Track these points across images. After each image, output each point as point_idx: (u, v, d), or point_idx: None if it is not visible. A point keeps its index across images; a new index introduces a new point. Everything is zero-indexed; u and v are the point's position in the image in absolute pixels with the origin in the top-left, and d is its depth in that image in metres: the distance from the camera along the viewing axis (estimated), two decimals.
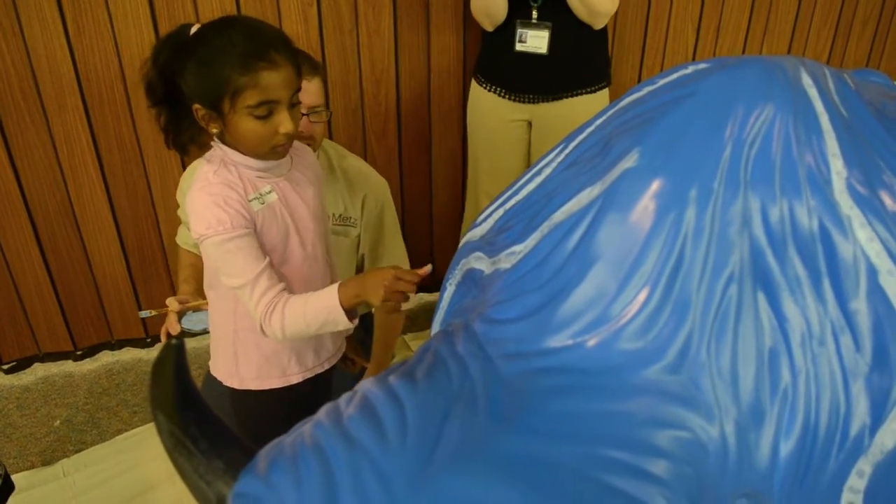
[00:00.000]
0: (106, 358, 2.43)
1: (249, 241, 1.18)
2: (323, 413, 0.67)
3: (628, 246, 0.66)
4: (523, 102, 2.07)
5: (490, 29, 2.03)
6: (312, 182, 1.34)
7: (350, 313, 1.17)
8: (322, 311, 1.16)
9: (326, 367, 1.41)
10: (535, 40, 1.97)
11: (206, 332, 1.47)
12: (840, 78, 0.84)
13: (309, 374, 1.38)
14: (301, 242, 1.29)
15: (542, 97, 2.05)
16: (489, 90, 2.09)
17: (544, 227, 0.74)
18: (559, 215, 0.73)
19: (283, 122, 1.15)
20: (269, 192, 1.23)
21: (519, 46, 1.98)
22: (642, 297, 0.65)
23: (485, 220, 0.96)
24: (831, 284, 0.70)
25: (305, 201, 1.30)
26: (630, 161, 0.68)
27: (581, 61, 2.04)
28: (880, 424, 0.69)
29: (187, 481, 0.72)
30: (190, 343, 2.20)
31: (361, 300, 1.16)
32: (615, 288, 0.66)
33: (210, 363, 1.43)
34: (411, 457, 0.57)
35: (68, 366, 2.39)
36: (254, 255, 1.18)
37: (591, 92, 2.07)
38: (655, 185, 0.67)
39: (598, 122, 0.83)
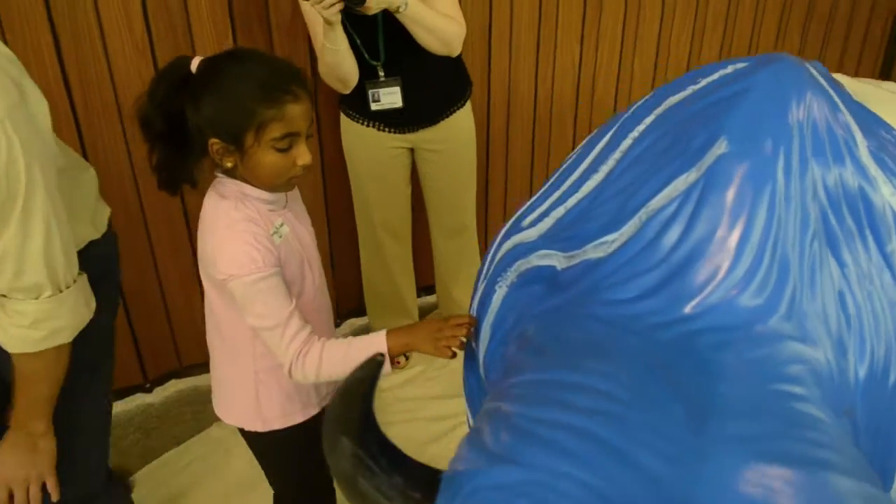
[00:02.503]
0: None
1: (279, 281, 1.17)
2: (515, 403, 0.70)
3: (735, 219, 0.78)
4: (404, 133, 2.14)
5: (346, 91, 2.03)
6: (305, 212, 1.37)
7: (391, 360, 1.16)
8: (366, 356, 1.12)
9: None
10: (388, 97, 2.04)
11: None
12: (819, 68, 1.02)
13: (324, 402, 1.39)
14: (311, 272, 1.30)
15: (422, 125, 2.13)
16: (365, 125, 2.12)
17: (641, 214, 0.84)
18: (657, 201, 0.83)
19: (302, 154, 1.17)
20: (282, 225, 1.23)
21: (374, 106, 2.05)
22: (755, 261, 0.77)
23: (538, 221, 1.04)
24: (871, 233, 0.86)
25: (308, 230, 1.32)
26: (721, 148, 0.80)
27: (448, 84, 2.15)
28: None
29: (366, 502, 0.73)
30: None
31: (411, 350, 1.16)
32: (732, 255, 0.77)
33: (219, 411, 1.38)
34: (673, 417, 0.64)
35: None
36: (283, 295, 1.17)
37: (462, 105, 2.19)
38: (749, 165, 0.79)
39: (648, 120, 0.95)
